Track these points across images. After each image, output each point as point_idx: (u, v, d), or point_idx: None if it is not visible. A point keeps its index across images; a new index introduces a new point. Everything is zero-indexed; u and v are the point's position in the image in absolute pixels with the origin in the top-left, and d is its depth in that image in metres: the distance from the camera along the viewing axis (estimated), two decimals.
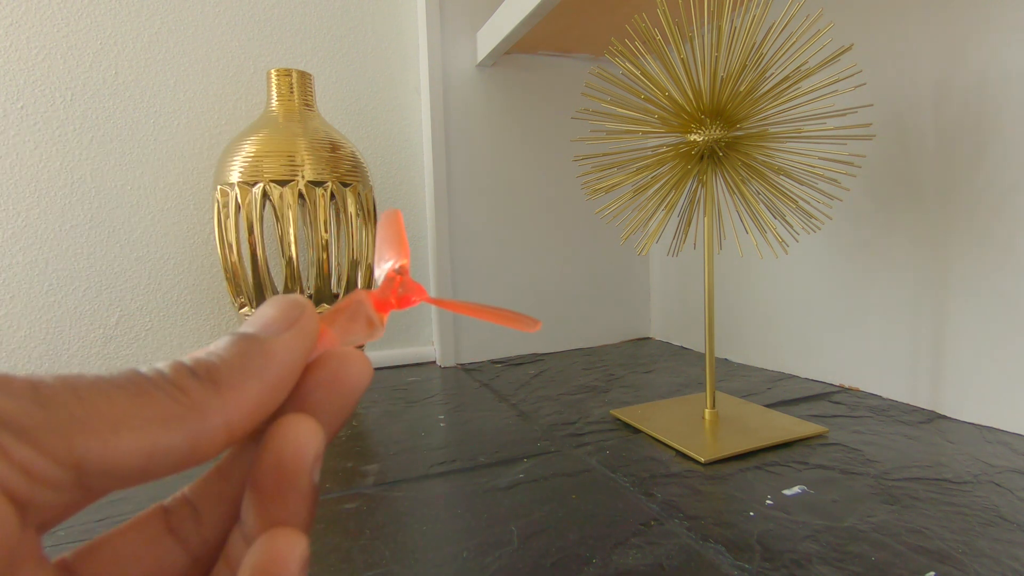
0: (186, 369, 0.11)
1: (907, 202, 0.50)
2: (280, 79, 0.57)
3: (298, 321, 0.13)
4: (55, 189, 0.61)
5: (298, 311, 0.13)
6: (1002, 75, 0.43)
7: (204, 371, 0.11)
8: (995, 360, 0.45)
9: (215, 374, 0.11)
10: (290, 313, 0.13)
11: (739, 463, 0.41)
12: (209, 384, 0.11)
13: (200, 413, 0.11)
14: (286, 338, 0.12)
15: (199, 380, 0.11)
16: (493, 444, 0.46)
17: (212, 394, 0.11)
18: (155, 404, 0.10)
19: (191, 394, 0.11)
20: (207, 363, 0.11)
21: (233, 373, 0.11)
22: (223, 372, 0.11)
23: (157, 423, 0.10)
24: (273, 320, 0.13)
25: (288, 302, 0.13)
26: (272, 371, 0.12)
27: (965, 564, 0.28)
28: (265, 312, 0.13)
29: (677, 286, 0.82)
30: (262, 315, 0.13)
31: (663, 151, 0.45)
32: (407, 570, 0.29)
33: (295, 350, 0.12)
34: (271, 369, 0.12)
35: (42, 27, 0.60)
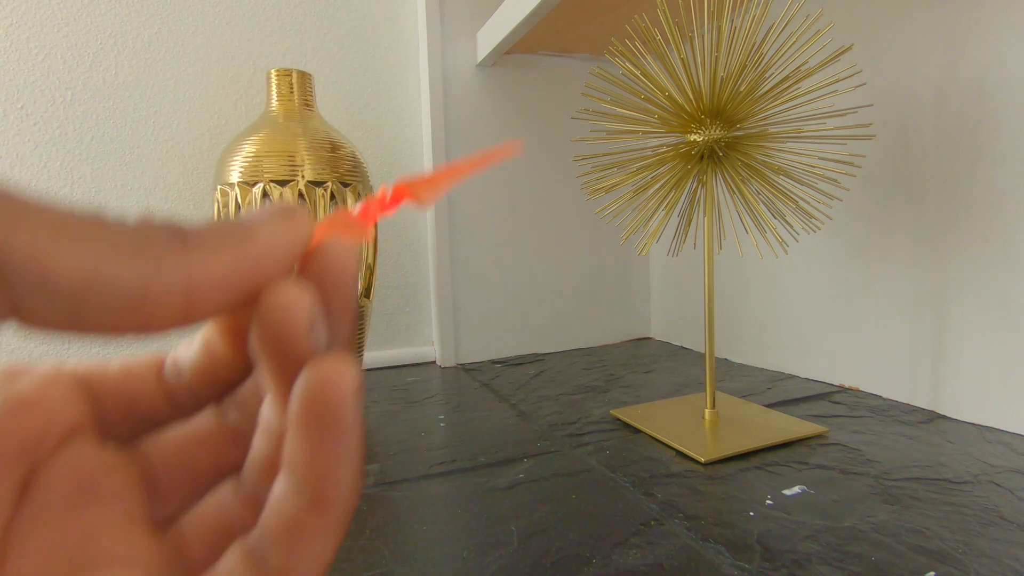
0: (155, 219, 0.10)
1: (907, 202, 0.50)
2: (280, 79, 0.57)
3: (289, 218, 0.12)
4: (55, 189, 0.61)
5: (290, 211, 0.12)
6: (1002, 75, 0.43)
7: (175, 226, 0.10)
8: (995, 360, 0.45)
9: (185, 233, 0.10)
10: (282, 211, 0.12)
11: (739, 463, 0.41)
12: (176, 238, 0.10)
13: (157, 258, 0.09)
14: (272, 226, 0.12)
15: (167, 231, 0.10)
16: (493, 444, 0.46)
17: (176, 246, 0.10)
18: (107, 229, 0.09)
19: (153, 238, 0.10)
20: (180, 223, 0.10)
21: (207, 237, 0.10)
22: (195, 234, 0.10)
23: (108, 248, 0.09)
24: (262, 213, 0.12)
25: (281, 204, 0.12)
26: (252, 248, 0.11)
27: (965, 564, 0.28)
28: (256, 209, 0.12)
29: (677, 286, 0.82)
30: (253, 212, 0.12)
31: (663, 151, 0.45)
32: (407, 570, 0.29)
33: (281, 236, 0.12)
34: (251, 245, 0.11)
35: (42, 27, 0.60)
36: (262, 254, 0.11)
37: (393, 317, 0.77)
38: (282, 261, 0.12)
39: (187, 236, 0.10)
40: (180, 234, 0.10)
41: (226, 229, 0.11)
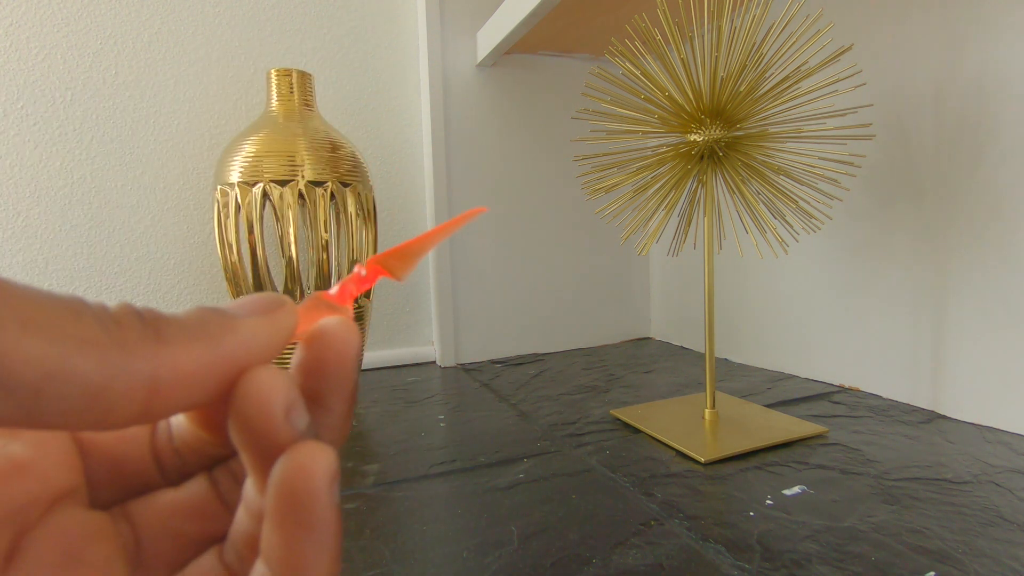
0: (133, 309, 0.10)
1: (907, 202, 0.50)
2: (280, 79, 0.57)
3: (273, 312, 0.12)
4: (55, 189, 0.61)
5: (276, 304, 0.12)
6: (1002, 75, 0.43)
7: (151, 318, 0.10)
8: (995, 360, 0.45)
9: (161, 326, 0.10)
10: (267, 303, 0.12)
11: (739, 463, 0.41)
12: (149, 330, 0.10)
13: (126, 351, 0.09)
14: (253, 321, 0.11)
15: (141, 321, 0.10)
16: (493, 444, 0.46)
17: (148, 339, 0.10)
18: (81, 323, 0.09)
19: (125, 330, 0.09)
20: (158, 313, 0.10)
21: (181, 331, 0.10)
22: (171, 327, 0.10)
23: (74, 340, 0.09)
24: (246, 303, 0.12)
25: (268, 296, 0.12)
26: (230, 342, 0.11)
27: (965, 564, 0.28)
28: (242, 299, 0.12)
29: (677, 286, 0.82)
30: (238, 300, 0.12)
31: (663, 151, 0.45)
32: (407, 570, 0.29)
33: (261, 336, 0.11)
34: (227, 341, 0.11)
35: (42, 27, 0.60)
36: (240, 349, 0.11)
37: (393, 317, 0.77)
38: (261, 356, 0.11)
39: (161, 328, 0.10)
40: (155, 325, 0.10)
41: (205, 321, 0.11)
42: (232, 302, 0.12)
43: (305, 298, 0.14)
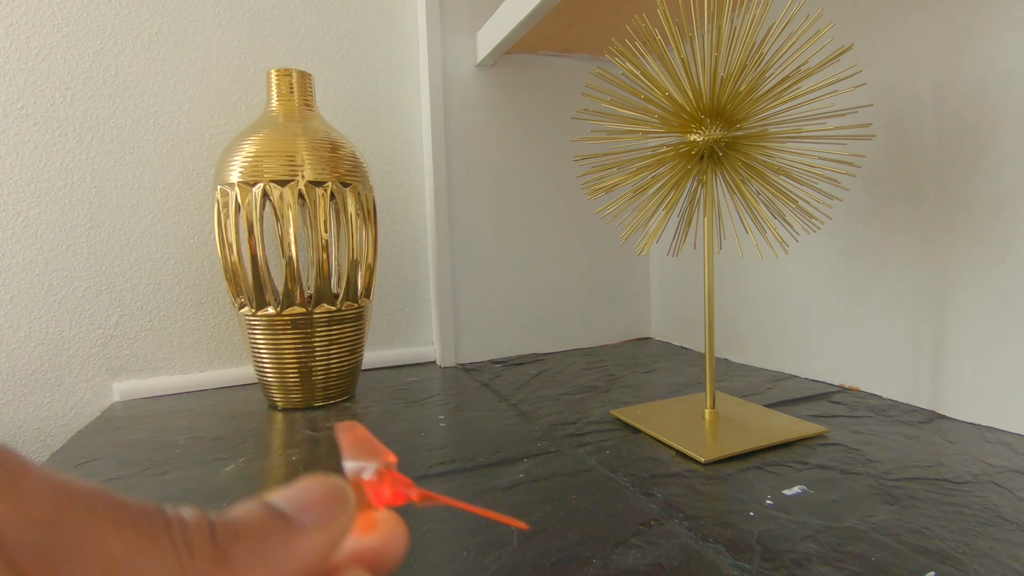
0: (207, 528, 0.10)
1: (907, 202, 0.50)
2: (280, 79, 0.57)
3: (335, 520, 0.12)
4: (55, 189, 0.61)
5: (339, 508, 0.12)
6: (1002, 75, 0.43)
7: (223, 539, 0.10)
8: (995, 360, 0.45)
9: (230, 548, 0.10)
10: (331, 507, 0.12)
11: (739, 463, 0.41)
12: (219, 555, 0.10)
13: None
14: (316, 536, 0.12)
15: (212, 545, 0.10)
16: (493, 444, 0.46)
17: (216, 565, 0.10)
18: (157, 556, 0.10)
19: (196, 559, 0.10)
20: (229, 530, 0.11)
21: (246, 553, 0.11)
22: (238, 549, 0.11)
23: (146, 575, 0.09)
24: (311, 507, 0.12)
25: (333, 492, 0.12)
26: (286, 566, 0.11)
27: (965, 564, 0.28)
28: (307, 493, 0.12)
29: (677, 286, 0.82)
30: (303, 495, 0.12)
31: (663, 151, 0.45)
32: (407, 570, 0.29)
33: (320, 548, 0.12)
34: (285, 564, 0.11)
35: (42, 27, 0.60)
36: (300, 565, 0.11)
37: (393, 317, 0.77)
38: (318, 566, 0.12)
39: (229, 552, 0.10)
40: (224, 549, 0.10)
41: (268, 538, 0.11)
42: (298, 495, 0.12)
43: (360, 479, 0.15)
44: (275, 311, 0.54)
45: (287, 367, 0.56)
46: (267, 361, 0.56)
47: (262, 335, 0.55)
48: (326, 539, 0.12)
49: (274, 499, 0.12)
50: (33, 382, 0.61)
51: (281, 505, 0.12)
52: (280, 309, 0.54)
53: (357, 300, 0.59)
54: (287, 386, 0.57)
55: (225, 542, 0.10)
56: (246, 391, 0.66)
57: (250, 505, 0.12)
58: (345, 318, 0.58)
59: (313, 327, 0.56)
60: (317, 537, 0.12)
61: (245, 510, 0.11)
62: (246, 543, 0.11)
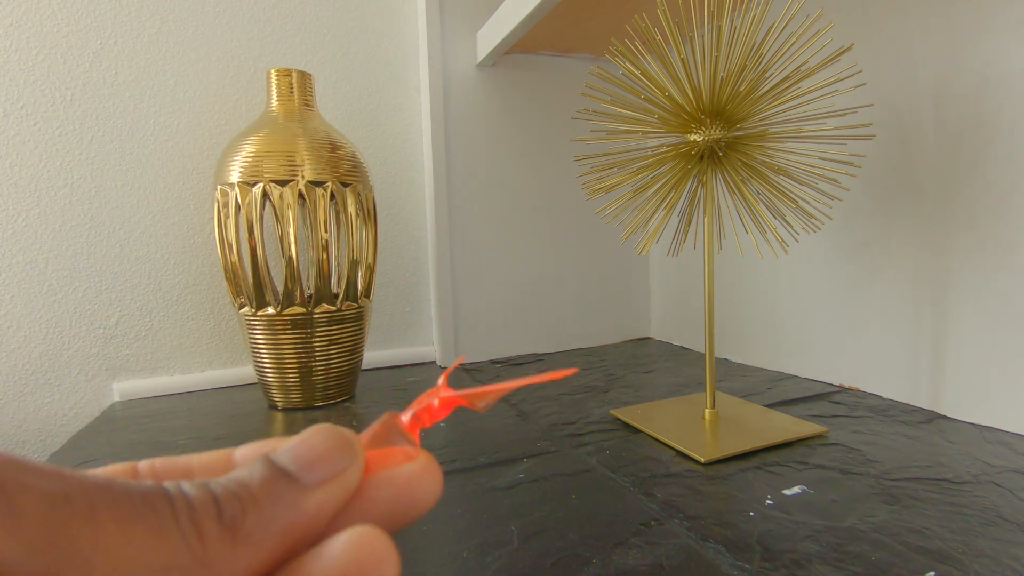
0: (213, 506, 0.10)
1: (907, 202, 0.50)
2: (280, 79, 0.57)
3: (343, 473, 0.12)
4: (55, 189, 0.61)
5: (347, 460, 0.12)
6: (1003, 74, 0.43)
7: (230, 515, 0.10)
8: (995, 360, 0.45)
9: (238, 524, 0.10)
10: (338, 461, 0.12)
11: (739, 463, 0.41)
12: (228, 534, 0.10)
13: (207, 568, 0.10)
14: (323, 493, 0.11)
15: (220, 525, 0.10)
16: (493, 444, 0.46)
17: (226, 547, 0.10)
18: (166, 549, 0.09)
19: (207, 543, 0.10)
20: (235, 505, 0.10)
21: (256, 526, 0.10)
22: (247, 522, 0.10)
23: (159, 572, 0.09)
24: (317, 464, 0.12)
25: (339, 444, 0.12)
26: (296, 531, 0.11)
27: (965, 564, 0.28)
28: (312, 447, 0.12)
29: (677, 286, 0.82)
30: (307, 450, 0.12)
31: (663, 151, 0.45)
32: (407, 570, 0.29)
33: (330, 507, 0.11)
34: (296, 529, 0.11)
35: (42, 27, 0.60)
36: (308, 533, 0.11)
37: (393, 317, 0.77)
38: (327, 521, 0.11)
39: (238, 529, 0.10)
40: (232, 527, 0.10)
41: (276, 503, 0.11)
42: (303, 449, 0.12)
43: (377, 420, 0.14)
44: (275, 311, 0.54)
45: (287, 367, 0.56)
46: (267, 361, 0.56)
47: (262, 335, 0.55)
48: (335, 494, 0.11)
49: (279, 456, 0.12)
50: (33, 382, 0.61)
51: (286, 462, 0.12)
52: (280, 309, 0.54)
53: (357, 300, 0.59)
54: (287, 386, 0.57)
55: (233, 519, 0.10)
56: (246, 391, 0.66)
57: (255, 466, 0.11)
58: (345, 318, 0.58)
59: (313, 327, 0.56)
60: (325, 494, 0.11)
61: (250, 472, 0.11)
62: (254, 514, 0.10)
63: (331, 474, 0.12)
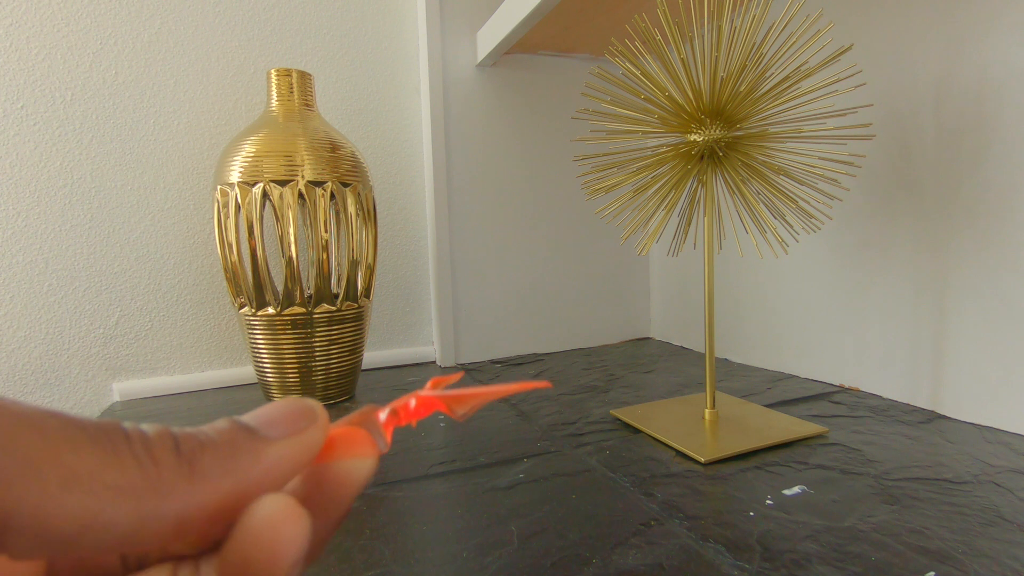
0: (171, 440, 0.10)
1: (907, 202, 0.50)
2: (280, 79, 0.57)
3: (303, 431, 0.12)
4: (55, 189, 0.61)
5: (307, 421, 0.12)
6: (1003, 74, 0.43)
7: (188, 449, 0.10)
8: (995, 360, 0.45)
9: (196, 457, 0.10)
10: (298, 421, 0.12)
11: (739, 463, 0.41)
12: (184, 466, 0.10)
13: (161, 494, 0.10)
14: (282, 445, 0.12)
15: (177, 456, 0.10)
16: (493, 444, 0.46)
17: (182, 477, 0.10)
18: (120, 468, 0.09)
19: (162, 469, 0.10)
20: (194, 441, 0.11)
21: (213, 463, 0.10)
22: (204, 458, 0.10)
23: (112, 491, 0.09)
24: (278, 422, 0.12)
25: (301, 408, 0.12)
26: (252, 475, 0.11)
27: (965, 564, 0.28)
28: (275, 409, 0.12)
29: (677, 286, 0.82)
30: (270, 412, 0.12)
31: (663, 151, 0.45)
32: (407, 570, 0.29)
33: (288, 460, 0.11)
34: (252, 472, 0.11)
35: (42, 27, 0.60)
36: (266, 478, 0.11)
37: (393, 317, 0.77)
38: (284, 480, 0.11)
39: (195, 461, 0.10)
40: (189, 458, 0.10)
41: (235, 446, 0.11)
42: (265, 411, 0.12)
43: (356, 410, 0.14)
44: (275, 311, 0.54)
45: (287, 367, 0.56)
46: (267, 361, 0.56)
47: (262, 335, 0.55)
48: (294, 450, 0.12)
49: (242, 416, 0.12)
50: (33, 382, 0.61)
51: (248, 419, 0.12)
52: (280, 309, 0.54)
53: (357, 300, 0.59)
54: (287, 386, 0.57)
55: (190, 453, 0.10)
56: (246, 391, 0.66)
57: (217, 421, 0.11)
58: (345, 318, 0.58)
59: (313, 327, 0.56)
60: (284, 448, 0.11)
61: (211, 425, 0.11)
62: (212, 453, 0.11)
63: (290, 431, 0.12)
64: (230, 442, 0.11)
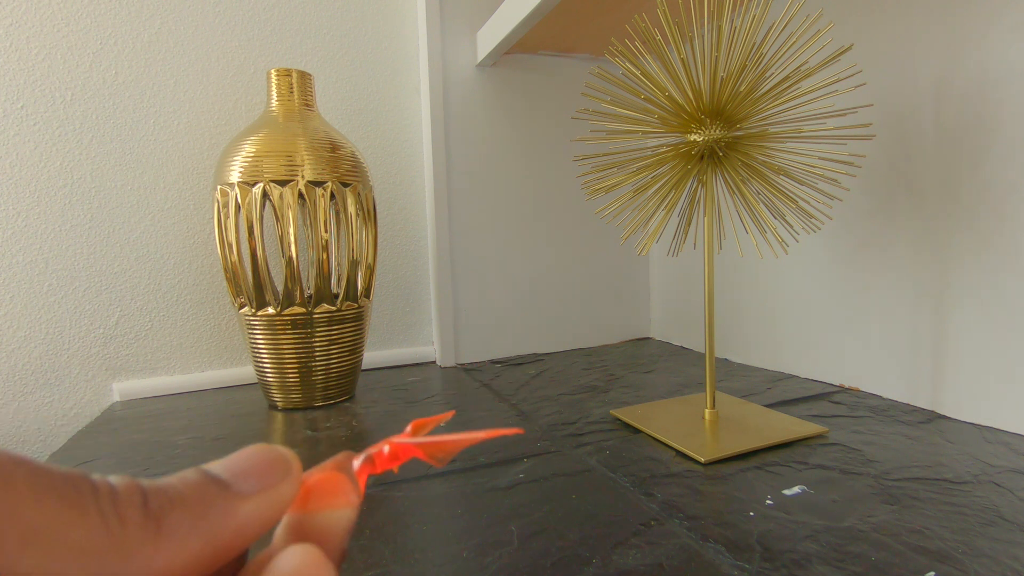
0: (138, 495, 0.10)
1: (907, 202, 0.50)
2: (280, 79, 0.57)
3: (276, 486, 0.11)
4: (55, 189, 0.61)
5: (280, 474, 0.12)
6: (1003, 74, 0.43)
7: (156, 506, 0.10)
8: (995, 360, 0.45)
9: (163, 515, 0.10)
10: (271, 473, 0.12)
11: (739, 463, 0.41)
12: (151, 524, 0.10)
13: (124, 555, 0.09)
14: (254, 503, 0.11)
15: (144, 514, 0.10)
16: (493, 444, 0.46)
17: (148, 537, 0.10)
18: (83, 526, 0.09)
19: (128, 528, 0.09)
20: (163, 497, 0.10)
21: (181, 521, 0.10)
22: (172, 516, 0.10)
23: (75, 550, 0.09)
24: (251, 474, 0.11)
25: (274, 459, 0.12)
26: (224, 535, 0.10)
27: (965, 564, 0.28)
28: (246, 459, 0.12)
29: (677, 286, 0.82)
30: (242, 461, 0.12)
31: (663, 151, 0.45)
32: (407, 570, 0.29)
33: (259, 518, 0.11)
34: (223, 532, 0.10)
35: (42, 27, 0.60)
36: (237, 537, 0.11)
37: (393, 317, 0.77)
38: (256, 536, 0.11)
39: (163, 520, 0.10)
40: (157, 517, 0.10)
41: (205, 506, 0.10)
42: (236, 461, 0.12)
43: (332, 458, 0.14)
44: (275, 311, 0.54)
45: (287, 367, 0.56)
46: (267, 361, 0.56)
47: (262, 335, 0.55)
48: (266, 506, 0.11)
49: (212, 466, 0.12)
50: (33, 382, 0.61)
51: (219, 471, 0.11)
52: (280, 309, 0.54)
53: (357, 300, 0.59)
54: (287, 386, 0.57)
55: (159, 510, 0.10)
56: (246, 391, 0.66)
57: (187, 472, 0.11)
58: (345, 318, 0.58)
59: (313, 327, 0.56)
60: (257, 504, 0.11)
61: (180, 477, 0.11)
62: (181, 510, 0.10)
63: (262, 486, 0.11)
64: (200, 498, 0.11)
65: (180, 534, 0.10)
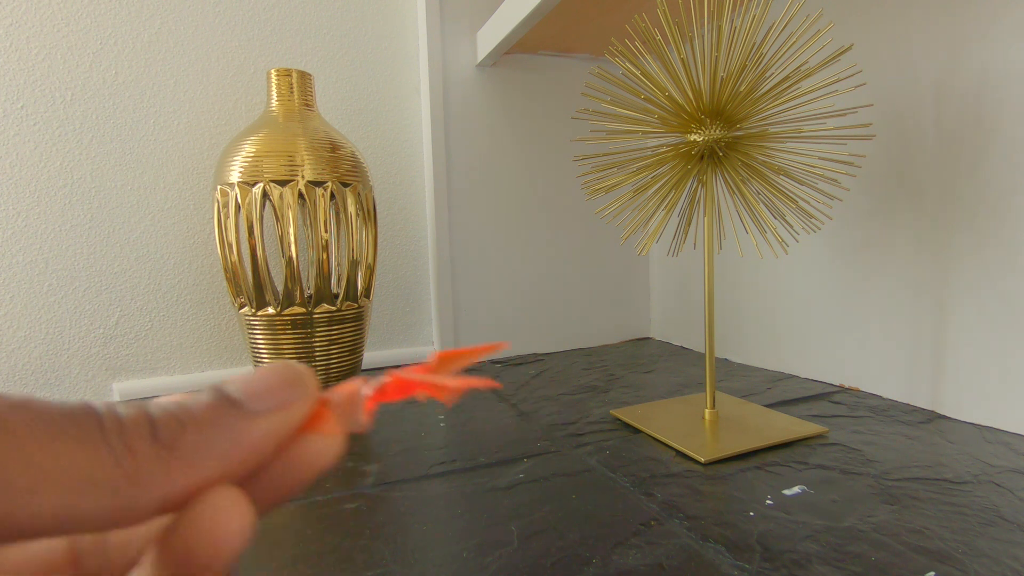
0: (147, 424, 0.10)
1: (907, 202, 0.50)
2: (280, 79, 0.57)
3: (290, 404, 0.11)
4: (55, 189, 0.61)
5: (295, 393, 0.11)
6: (1003, 74, 0.43)
7: (167, 434, 0.10)
8: (995, 360, 0.45)
9: (176, 441, 0.10)
10: (286, 392, 0.11)
11: (739, 463, 0.41)
12: (163, 452, 0.10)
13: (139, 486, 0.09)
14: (268, 421, 0.11)
15: (154, 443, 0.10)
16: (493, 444, 0.46)
17: (161, 465, 0.09)
18: (93, 462, 0.09)
19: (139, 459, 0.09)
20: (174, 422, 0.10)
21: (195, 445, 0.10)
22: (185, 440, 0.10)
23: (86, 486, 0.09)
24: (265, 393, 0.11)
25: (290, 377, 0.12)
26: (237, 455, 0.10)
27: (965, 564, 0.28)
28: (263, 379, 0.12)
29: (677, 286, 0.82)
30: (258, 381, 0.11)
31: (663, 151, 0.45)
32: (407, 570, 0.29)
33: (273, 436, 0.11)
34: (237, 452, 0.10)
35: (42, 27, 0.60)
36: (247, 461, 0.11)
37: (393, 317, 0.77)
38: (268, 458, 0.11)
39: (176, 443, 0.10)
40: (170, 442, 0.10)
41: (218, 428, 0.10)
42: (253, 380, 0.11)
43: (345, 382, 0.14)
44: (275, 311, 0.54)
45: None
46: (267, 361, 0.56)
47: (262, 335, 0.55)
48: (280, 424, 0.11)
49: (227, 385, 0.11)
50: (33, 382, 0.61)
51: (234, 391, 0.11)
52: (280, 309, 0.54)
53: (357, 300, 0.59)
54: None
55: (170, 436, 0.10)
56: None
57: (201, 393, 0.11)
58: (345, 318, 0.58)
59: (313, 327, 0.56)
60: (270, 422, 0.11)
61: (194, 398, 0.11)
62: (194, 434, 0.10)
63: (278, 405, 0.11)
64: (212, 418, 0.10)
65: (193, 458, 0.10)
